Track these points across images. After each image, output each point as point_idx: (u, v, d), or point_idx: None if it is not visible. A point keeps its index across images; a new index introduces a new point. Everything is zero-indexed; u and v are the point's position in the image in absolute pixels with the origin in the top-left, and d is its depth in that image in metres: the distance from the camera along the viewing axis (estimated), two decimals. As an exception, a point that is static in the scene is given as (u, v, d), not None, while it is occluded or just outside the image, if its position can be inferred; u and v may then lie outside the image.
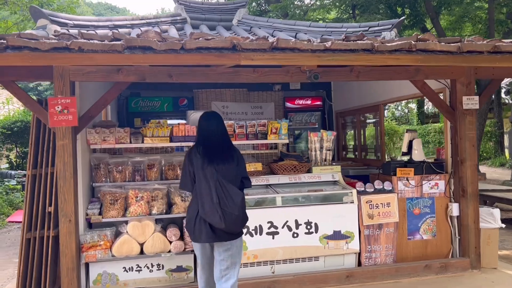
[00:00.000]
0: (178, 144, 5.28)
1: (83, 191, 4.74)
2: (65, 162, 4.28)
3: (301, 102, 9.36)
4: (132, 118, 8.50)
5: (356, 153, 8.46)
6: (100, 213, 4.82)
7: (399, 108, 29.10)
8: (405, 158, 5.85)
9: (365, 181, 5.63)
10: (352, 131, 8.87)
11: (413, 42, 3.62)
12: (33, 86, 24.39)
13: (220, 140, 3.77)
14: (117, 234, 4.83)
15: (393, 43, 3.60)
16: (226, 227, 3.51)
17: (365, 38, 3.74)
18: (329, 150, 5.70)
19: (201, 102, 8.86)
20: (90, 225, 4.89)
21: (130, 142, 5.15)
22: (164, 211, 4.98)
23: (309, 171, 5.52)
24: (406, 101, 24.22)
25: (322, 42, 3.51)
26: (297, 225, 5.03)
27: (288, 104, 9.31)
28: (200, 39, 3.33)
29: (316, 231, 5.06)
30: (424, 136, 23.08)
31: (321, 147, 5.67)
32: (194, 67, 4.60)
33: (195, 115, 5.63)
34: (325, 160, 5.68)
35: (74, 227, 4.33)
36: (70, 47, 3.33)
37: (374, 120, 8.78)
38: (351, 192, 5.18)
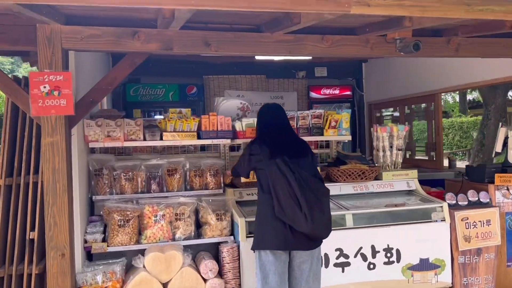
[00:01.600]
0: (209, 141, 3.89)
1: (80, 209, 3.33)
2: (56, 168, 2.88)
3: (327, 91, 8.02)
4: (131, 109, 7.03)
5: (398, 151, 7.16)
6: (104, 239, 3.43)
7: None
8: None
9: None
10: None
11: None
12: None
13: (289, 132, 3.30)
14: (129, 268, 3.44)
15: None
16: (313, 231, 2.86)
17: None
18: (400, 149, 4.39)
19: (212, 91, 7.46)
20: (89, 256, 3.48)
21: (144, 139, 3.75)
22: (193, 234, 3.61)
23: (376, 177, 4.21)
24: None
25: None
26: (374, 252, 3.71)
27: (313, 94, 7.96)
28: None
29: (398, 260, 3.76)
30: (423, 133, 22.21)
31: (390, 146, 4.37)
32: (241, 32, 3.24)
33: (226, 104, 4.26)
34: (395, 163, 4.38)
35: (69, 264, 2.93)
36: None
37: (412, 113, 7.54)
38: (441, 207, 3.88)
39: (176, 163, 3.84)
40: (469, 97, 21.84)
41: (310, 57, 6.89)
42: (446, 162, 6.39)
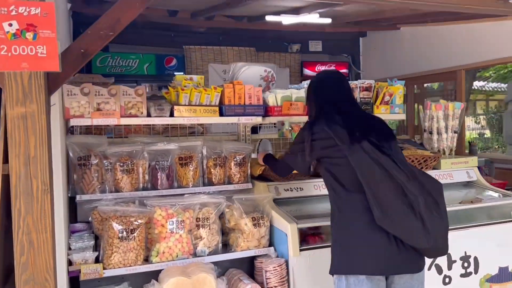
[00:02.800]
0: (235, 119, 2.89)
1: (63, 216, 2.26)
2: (31, 156, 1.81)
3: (322, 68, 7.18)
4: (98, 83, 5.85)
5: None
6: (98, 259, 2.37)
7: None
8: None
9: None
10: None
11: None
12: None
13: (358, 107, 2.44)
14: (134, 299, 2.42)
15: None
16: (434, 246, 1.99)
17: None
18: (456, 132, 3.62)
19: (194, 64, 6.42)
20: (75, 283, 2.41)
21: (149, 115, 2.69)
22: (220, 246, 2.63)
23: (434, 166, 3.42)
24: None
25: None
26: (450, 262, 2.91)
27: (307, 71, 7.11)
28: None
29: (476, 270, 2.99)
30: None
31: (446, 128, 3.59)
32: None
33: (247, 72, 3.28)
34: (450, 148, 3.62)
35: (51, 305, 1.88)
36: None
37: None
38: (521, 203, 3.16)
39: (191, 149, 2.81)
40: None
41: (307, 26, 6.06)
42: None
